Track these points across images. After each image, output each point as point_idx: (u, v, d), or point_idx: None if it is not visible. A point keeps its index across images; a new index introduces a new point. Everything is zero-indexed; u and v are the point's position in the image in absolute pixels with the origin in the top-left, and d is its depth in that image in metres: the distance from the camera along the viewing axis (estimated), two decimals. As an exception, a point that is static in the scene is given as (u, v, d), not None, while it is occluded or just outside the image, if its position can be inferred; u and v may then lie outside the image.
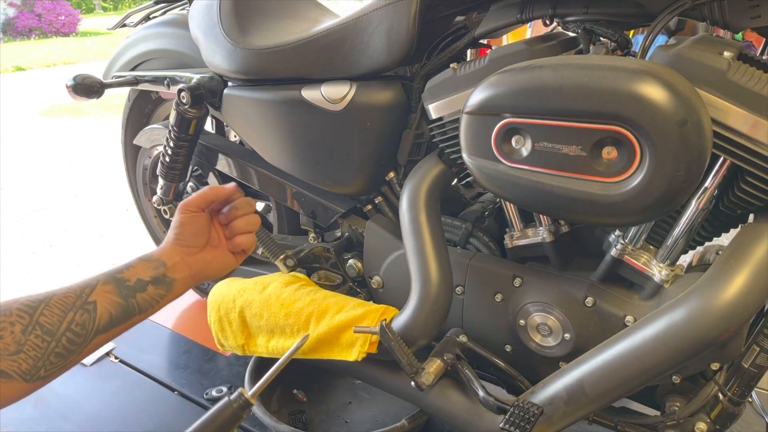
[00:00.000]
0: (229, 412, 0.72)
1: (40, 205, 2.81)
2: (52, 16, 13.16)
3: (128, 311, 0.68)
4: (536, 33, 1.58)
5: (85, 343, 0.64)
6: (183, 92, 1.18)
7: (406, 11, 0.90)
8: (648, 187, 0.64)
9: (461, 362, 0.88)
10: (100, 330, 0.65)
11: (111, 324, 0.66)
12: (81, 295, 0.65)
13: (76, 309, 0.64)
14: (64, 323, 0.62)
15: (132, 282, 0.69)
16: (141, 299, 0.69)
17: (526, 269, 0.92)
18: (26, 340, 0.59)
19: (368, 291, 1.12)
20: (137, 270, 0.70)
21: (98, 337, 0.65)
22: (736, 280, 0.66)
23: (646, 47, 0.73)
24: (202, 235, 0.78)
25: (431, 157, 0.97)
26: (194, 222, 0.78)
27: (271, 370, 0.76)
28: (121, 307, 0.67)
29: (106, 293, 0.67)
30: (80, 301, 0.64)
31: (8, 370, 0.58)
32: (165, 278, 0.72)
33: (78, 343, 0.63)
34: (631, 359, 0.71)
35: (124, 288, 0.68)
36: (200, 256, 0.77)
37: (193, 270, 0.76)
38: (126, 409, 1.28)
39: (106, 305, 0.66)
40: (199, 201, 0.79)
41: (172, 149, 1.27)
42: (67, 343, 0.62)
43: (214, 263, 0.79)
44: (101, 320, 0.65)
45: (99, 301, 0.66)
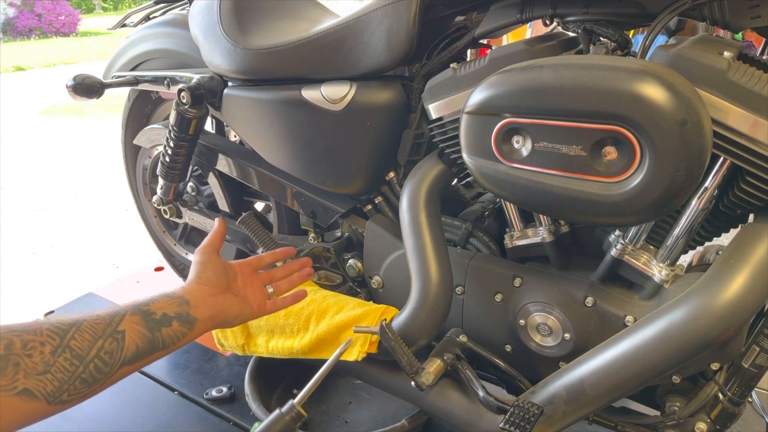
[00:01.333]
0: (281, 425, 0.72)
1: (40, 205, 2.81)
2: (52, 16, 13.17)
3: (153, 345, 0.68)
4: (536, 33, 1.58)
5: (112, 372, 0.63)
6: (183, 92, 1.18)
7: (406, 11, 0.90)
8: (648, 187, 0.64)
9: (461, 362, 0.88)
10: (127, 361, 0.65)
11: (137, 356, 0.66)
12: (111, 323, 0.64)
13: (105, 336, 0.63)
14: (94, 349, 0.62)
15: (158, 316, 0.69)
16: (165, 334, 0.69)
17: (526, 269, 0.92)
18: (55, 362, 0.58)
19: (368, 291, 1.12)
20: (162, 305, 0.71)
21: (124, 368, 0.65)
22: (736, 280, 0.66)
23: (646, 47, 0.73)
24: (222, 277, 0.80)
25: (431, 157, 0.97)
26: (213, 262, 0.81)
27: (316, 376, 0.77)
28: (147, 339, 0.67)
29: (134, 324, 0.66)
30: (110, 329, 0.64)
31: (34, 390, 0.57)
32: (189, 316, 0.72)
33: (105, 372, 0.63)
34: (631, 359, 0.71)
35: (151, 321, 0.68)
36: (221, 299, 0.78)
37: (214, 311, 0.76)
38: (126, 409, 1.28)
39: (133, 336, 0.66)
40: (215, 242, 0.85)
41: (172, 149, 1.27)
42: (94, 370, 0.61)
43: (233, 309, 0.79)
44: (128, 351, 0.65)
45: (128, 331, 0.65)
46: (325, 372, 0.78)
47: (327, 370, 0.78)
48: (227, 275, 0.81)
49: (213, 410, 1.27)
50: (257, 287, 0.86)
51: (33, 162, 3.59)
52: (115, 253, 2.27)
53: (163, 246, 1.65)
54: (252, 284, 0.85)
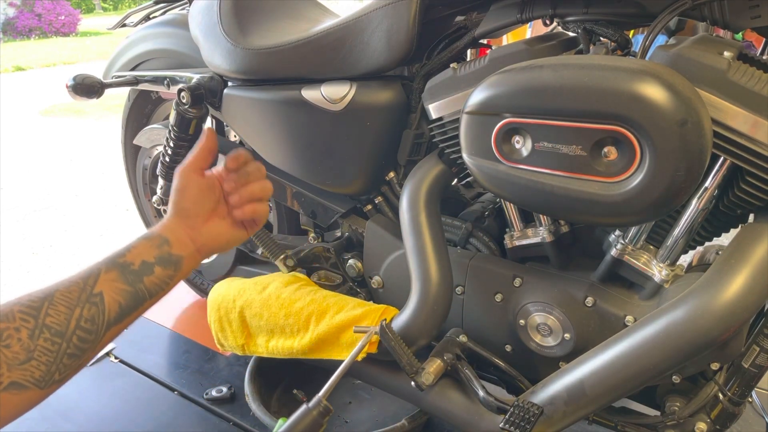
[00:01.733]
0: (309, 420, 0.70)
1: (40, 205, 2.81)
2: (52, 16, 13.16)
3: (138, 298, 0.63)
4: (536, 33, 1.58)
5: (98, 338, 0.59)
6: (183, 92, 1.18)
7: (406, 11, 0.90)
8: (648, 187, 0.64)
9: (461, 362, 0.88)
10: (112, 322, 0.61)
11: (122, 314, 0.62)
12: (85, 288, 0.60)
13: (82, 304, 0.59)
14: (73, 321, 0.57)
15: (136, 265, 0.63)
16: (149, 283, 0.64)
17: (526, 269, 0.92)
18: (36, 346, 0.54)
19: (368, 291, 1.12)
20: (140, 251, 0.65)
21: (111, 329, 0.61)
22: (736, 280, 0.66)
23: (646, 47, 0.73)
24: (205, 202, 0.71)
25: (431, 157, 0.97)
26: (195, 186, 0.70)
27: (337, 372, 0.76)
28: (129, 294, 0.62)
29: (111, 281, 0.61)
30: (85, 294, 0.59)
31: (21, 381, 0.53)
32: (171, 257, 0.66)
33: (90, 340, 0.59)
34: (631, 359, 0.71)
35: (130, 273, 0.63)
36: (206, 229, 0.70)
37: (199, 243, 0.69)
38: (126, 409, 1.28)
39: (113, 295, 0.61)
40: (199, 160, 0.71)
41: (172, 149, 1.27)
42: (78, 342, 0.58)
43: (222, 236, 0.72)
44: (111, 312, 0.60)
45: (105, 291, 0.60)
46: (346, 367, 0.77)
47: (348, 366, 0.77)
48: (212, 197, 0.72)
49: (213, 410, 1.27)
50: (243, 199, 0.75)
51: (33, 162, 3.58)
52: (115, 253, 2.26)
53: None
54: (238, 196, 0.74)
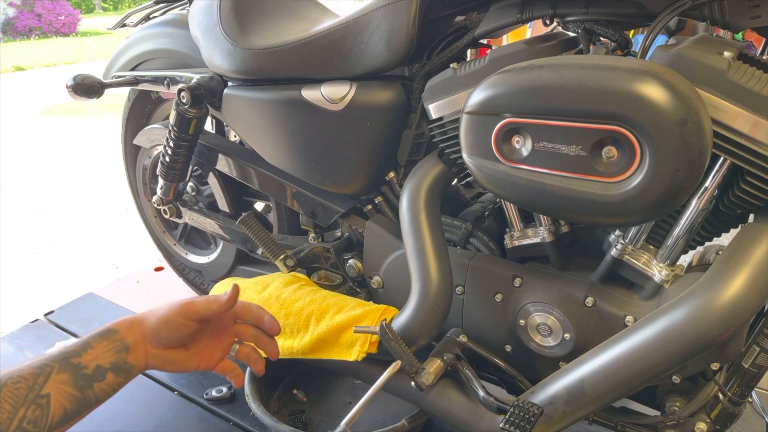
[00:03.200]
0: None
1: (40, 205, 2.82)
2: (52, 16, 13.17)
3: (84, 403, 0.63)
4: (536, 33, 1.58)
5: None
6: (183, 92, 1.18)
7: (406, 11, 0.90)
8: (648, 187, 0.64)
9: (461, 362, 0.88)
10: (54, 426, 0.60)
11: (65, 418, 0.61)
12: (33, 387, 0.59)
13: (27, 404, 0.58)
14: (15, 421, 0.57)
15: (90, 370, 0.63)
16: (98, 389, 0.64)
17: (526, 269, 0.92)
18: None
19: (368, 291, 1.12)
20: (97, 353, 0.64)
21: None
22: (736, 280, 0.66)
23: (646, 47, 0.73)
24: (179, 340, 0.70)
25: (431, 157, 0.97)
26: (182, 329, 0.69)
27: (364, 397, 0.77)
28: (76, 400, 0.62)
29: (60, 384, 0.61)
30: (32, 394, 0.59)
31: None
32: (126, 365, 0.66)
33: None
34: (631, 359, 0.71)
35: (81, 378, 0.62)
36: (164, 353, 0.70)
37: (152, 364, 0.69)
38: (126, 409, 1.28)
39: (60, 399, 0.60)
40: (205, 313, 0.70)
41: (172, 149, 1.27)
42: None
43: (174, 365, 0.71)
44: (55, 416, 0.60)
45: (53, 394, 0.60)
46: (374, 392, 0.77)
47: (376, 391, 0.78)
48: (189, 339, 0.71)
49: (213, 410, 1.27)
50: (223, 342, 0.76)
51: (33, 162, 3.59)
52: (115, 253, 2.27)
53: (163, 246, 1.65)
54: (218, 337, 0.75)
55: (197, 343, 0.73)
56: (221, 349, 0.75)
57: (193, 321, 0.70)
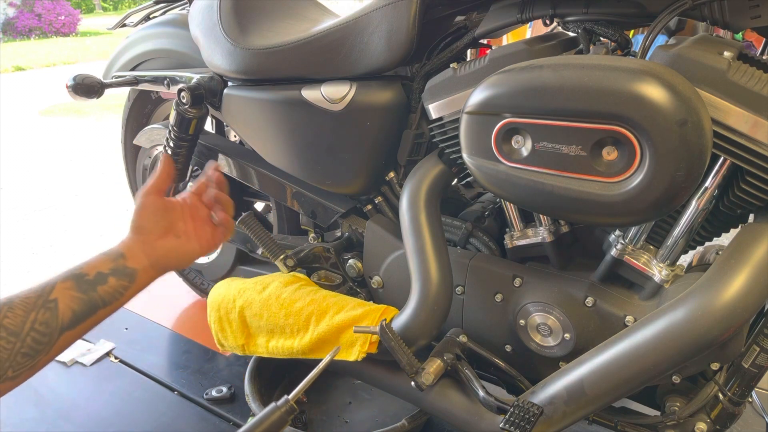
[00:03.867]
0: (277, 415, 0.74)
1: (40, 205, 2.81)
2: (52, 16, 13.16)
3: (91, 305, 0.68)
4: (536, 33, 1.58)
5: (52, 341, 0.64)
6: (183, 92, 1.18)
7: (406, 11, 0.90)
8: (648, 187, 0.64)
9: (461, 362, 0.88)
10: (65, 327, 0.66)
11: (75, 320, 0.67)
12: (42, 295, 0.65)
13: (38, 308, 0.64)
14: (28, 323, 0.63)
15: (91, 276, 0.69)
16: (103, 292, 0.69)
17: (526, 269, 0.92)
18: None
19: (368, 291, 1.12)
20: (96, 264, 0.70)
21: (65, 334, 0.66)
22: (736, 280, 0.66)
23: (646, 47, 0.73)
24: (159, 221, 0.77)
25: (431, 157, 0.97)
26: (151, 206, 0.76)
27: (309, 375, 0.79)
28: (82, 301, 0.67)
29: (65, 290, 0.67)
30: (41, 300, 0.65)
31: None
32: (126, 269, 0.71)
33: (44, 342, 0.64)
34: (631, 359, 0.71)
35: (84, 282, 0.68)
36: (159, 244, 0.76)
37: (152, 259, 0.74)
38: (126, 409, 1.28)
39: (67, 301, 0.66)
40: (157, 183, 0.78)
41: (172, 149, 1.27)
42: (32, 343, 0.63)
43: (174, 252, 0.77)
44: (64, 317, 0.66)
45: (60, 298, 0.66)
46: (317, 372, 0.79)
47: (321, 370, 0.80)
48: (167, 217, 0.78)
49: (213, 410, 1.27)
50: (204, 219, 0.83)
51: (33, 162, 3.58)
52: (115, 253, 2.26)
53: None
54: (198, 218, 0.82)
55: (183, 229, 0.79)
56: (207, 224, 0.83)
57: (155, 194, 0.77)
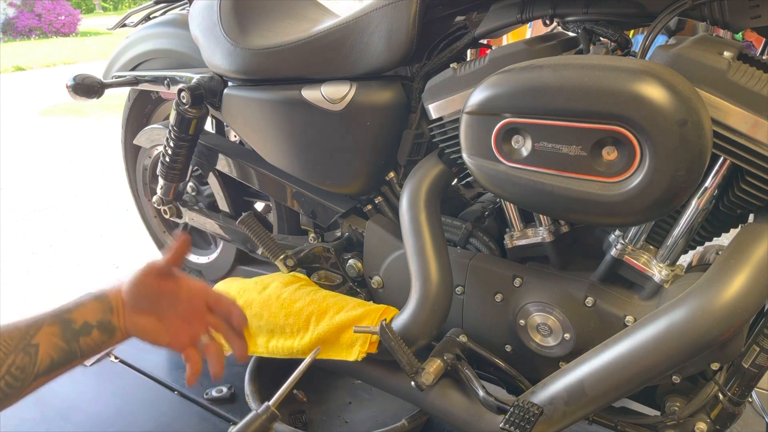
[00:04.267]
0: (258, 423, 0.74)
1: (40, 205, 2.81)
2: (52, 16, 13.16)
3: (70, 355, 0.67)
4: (536, 33, 1.58)
5: (24, 387, 0.63)
6: (183, 92, 1.18)
7: (406, 11, 0.90)
8: (648, 187, 0.64)
9: (461, 362, 0.88)
10: (40, 374, 0.65)
11: (51, 368, 0.66)
12: (25, 336, 0.64)
13: (17, 351, 0.63)
14: (4, 366, 0.62)
15: (78, 325, 0.68)
16: (84, 344, 0.68)
17: (526, 269, 0.92)
18: None
19: (368, 291, 1.12)
20: (87, 310, 0.69)
21: (37, 380, 0.65)
22: (736, 280, 0.66)
23: (646, 47, 0.73)
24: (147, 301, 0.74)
25: (431, 157, 0.97)
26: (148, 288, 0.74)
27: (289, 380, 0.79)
28: (63, 351, 0.66)
29: (50, 335, 0.65)
30: (23, 342, 0.64)
31: None
32: (109, 325, 0.71)
33: (15, 387, 0.63)
34: (631, 359, 0.71)
35: (70, 331, 0.67)
36: (138, 319, 0.74)
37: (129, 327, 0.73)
38: (126, 409, 1.28)
39: (48, 349, 0.65)
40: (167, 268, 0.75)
41: (172, 149, 1.27)
42: (4, 386, 0.62)
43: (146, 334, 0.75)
44: (42, 364, 0.64)
45: (42, 344, 0.65)
46: (297, 376, 0.80)
47: (300, 374, 0.80)
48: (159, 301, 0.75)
49: (213, 410, 1.27)
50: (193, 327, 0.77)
51: (33, 162, 3.58)
52: (115, 253, 2.26)
53: (163, 246, 1.65)
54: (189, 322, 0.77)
55: (168, 319, 0.76)
56: (190, 334, 0.77)
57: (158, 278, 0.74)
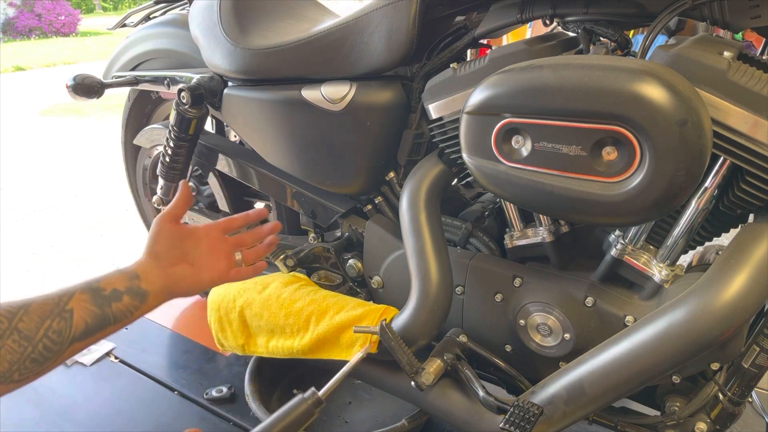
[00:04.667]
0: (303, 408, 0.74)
1: (40, 205, 2.81)
2: (52, 16, 13.16)
3: (103, 320, 0.69)
4: (536, 33, 1.58)
5: (62, 350, 0.65)
6: (183, 92, 1.18)
7: (406, 11, 0.90)
8: (648, 187, 0.64)
9: (461, 362, 0.88)
10: (76, 338, 0.66)
11: (86, 332, 0.67)
12: (59, 303, 0.66)
13: (53, 317, 0.64)
14: (42, 329, 0.63)
15: (108, 292, 0.70)
16: (116, 309, 0.70)
17: (526, 269, 0.92)
18: (3, 344, 0.60)
19: (368, 291, 1.12)
20: (113, 280, 0.71)
21: (74, 344, 0.66)
22: (736, 280, 0.66)
23: (646, 47, 0.73)
24: (174, 248, 0.78)
25: (431, 157, 0.97)
26: (167, 233, 0.78)
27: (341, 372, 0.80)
28: (96, 316, 0.68)
29: (82, 302, 0.67)
30: (58, 308, 0.65)
31: None
32: (139, 290, 0.73)
33: (54, 350, 0.64)
34: (631, 359, 0.71)
35: (100, 297, 0.69)
36: (172, 270, 0.77)
37: (164, 284, 0.76)
38: (126, 409, 1.28)
39: (82, 313, 0.67)
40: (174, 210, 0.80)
41: (172, 149, 1.27)
42: (43, 350, 0.63)
43: (186, 280, 0.78)
44: (77, 328, 0.66)
45: (76, 309, 0.66)
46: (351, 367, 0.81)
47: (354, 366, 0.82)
48: (182, 245, 0.80)
49: (213, 410, 1.27)
50: (223, 253, 0.84)
51: (33, 162, 3.58)
52: (115, 253, 2.26)
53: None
54: (217, 250, 0.83)
55: (199, 258, 0.81)
56: (225, 259, 0.84)
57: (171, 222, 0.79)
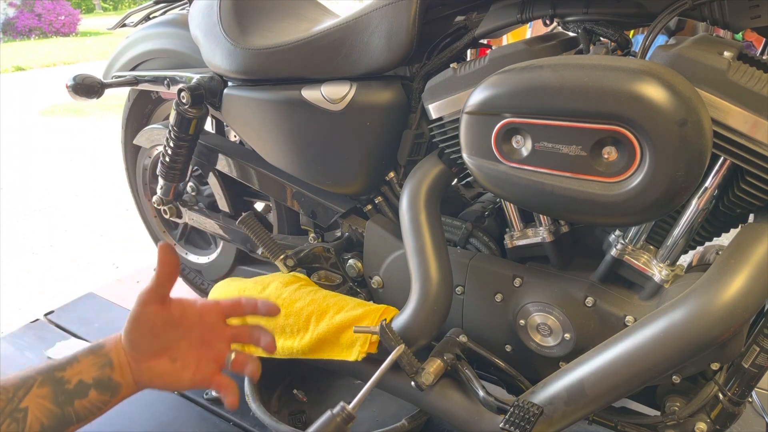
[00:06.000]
0: (333, 426, 0.70)
1: (40, 205, 2.82)
2: (52, 16, 13.16)
3: (64, 421, 0.60)
4: (536, 33, 1.58)
5: None
6: (183, 92, 1.18)
7: (406, 11, 0.90)
8: (648, 187, 0.64)
9: (461, 362, 0.88)
10: None
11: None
12: (12, 399, 0.58)
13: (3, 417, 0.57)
14: None
15: (72, 385, 0.60)
16: (80, 406, 0.61)
17: (526, 269, 0.92)
18: None
19: (368, 291, 1.12)
20: (82, 368, 0.62)
21: None
22: (736, 280, 0.66)
23: (646, 47, 0.73)
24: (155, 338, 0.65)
25: (431, 157, 0.97)
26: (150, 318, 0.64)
27: (370, 381, 0.77)
28: (54, 416, 0.59)
29: (39, 399, 0.59)
30: (10, 406, 0.57)
31: None
32: (111, 381, 0.63)
33: None
34: (631, 359, 0.71)
35: (62, 393, 0.60)
36: (147, 366, 0.65)
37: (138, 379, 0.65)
38: (126, 409, 1.27)
39: (37, 414, 0.58)
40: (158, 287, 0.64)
41: (172, 149, 1.27)
42: None
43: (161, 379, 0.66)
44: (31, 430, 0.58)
45: (31, 409, 0.58)
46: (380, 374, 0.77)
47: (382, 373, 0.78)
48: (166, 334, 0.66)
49: (213, 410, 1.27)
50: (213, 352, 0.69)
51: (33, 162, 3.59)
52: (115, 253, 2.27)
53: (163, 246, 1.65)
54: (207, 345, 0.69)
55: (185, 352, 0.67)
56: (215, 358, 0.69)
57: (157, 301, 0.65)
